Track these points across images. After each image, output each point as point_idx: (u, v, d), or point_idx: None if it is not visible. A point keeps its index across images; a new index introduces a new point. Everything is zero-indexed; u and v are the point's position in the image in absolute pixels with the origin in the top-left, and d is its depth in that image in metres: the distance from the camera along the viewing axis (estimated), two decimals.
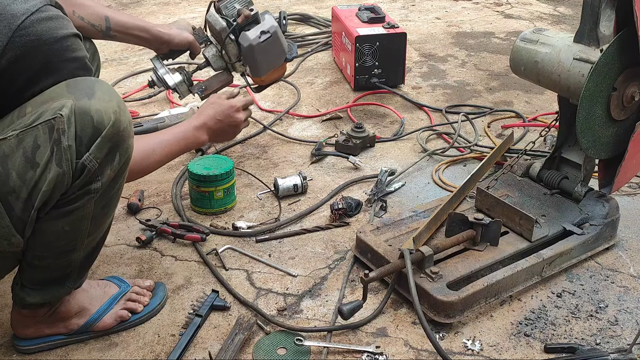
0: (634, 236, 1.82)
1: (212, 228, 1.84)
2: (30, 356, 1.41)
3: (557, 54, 1.67)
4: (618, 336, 1.45)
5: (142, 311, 1.49)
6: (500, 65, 3.14)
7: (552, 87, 1.72)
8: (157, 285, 1.57)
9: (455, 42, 3.50)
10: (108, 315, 1.45)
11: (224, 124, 1.77)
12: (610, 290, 1.61)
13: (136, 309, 1.48)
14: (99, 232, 1.31)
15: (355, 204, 1.92)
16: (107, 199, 1.26)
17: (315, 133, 2.43)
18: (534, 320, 1.50)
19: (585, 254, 1.69)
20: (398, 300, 1.56)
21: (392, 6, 4.16)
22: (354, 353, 1.40)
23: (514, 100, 2.76)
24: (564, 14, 4.00)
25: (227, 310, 1.53)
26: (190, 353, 1.41)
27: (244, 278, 1.65)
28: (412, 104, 2.69)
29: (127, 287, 1.51)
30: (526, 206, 1.78)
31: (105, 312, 1.45)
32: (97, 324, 1.43)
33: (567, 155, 1.82)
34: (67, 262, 1.30)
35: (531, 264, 1.57)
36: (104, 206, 1.27)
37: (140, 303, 1.49)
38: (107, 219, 1.31)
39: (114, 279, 1.54)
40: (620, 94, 1.61)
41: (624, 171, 1.68)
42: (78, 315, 1.42)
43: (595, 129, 1.63)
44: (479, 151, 2.28)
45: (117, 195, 1.30)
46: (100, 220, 1.29)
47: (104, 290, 1.48)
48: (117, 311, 1.46)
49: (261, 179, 2.09)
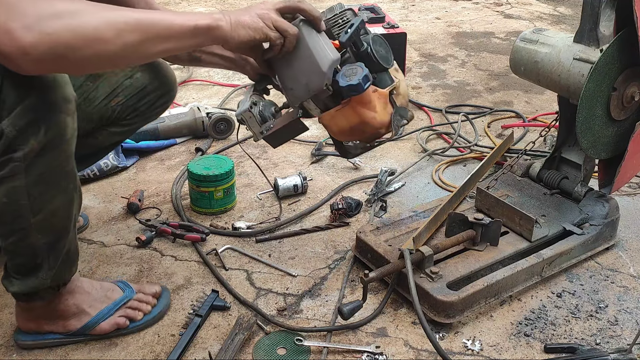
0: (634, 236, 1.82)
1: (212, 228, 1.84)
2: (30, 355, 1.41)
3: (557, 54, 1.67)
4: (618, 336, 1.45)
5: (141, 319, 1.47)
6: (500, 65, 3.14)
7: (552, 87, 1.72)
8: (162, 291, 1.55)
9: (455, 42, 3.50)
10: (106, 321, 1.43)
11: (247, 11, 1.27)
12: (610, 290, 1.61)
13: (135, 317, 1.46)
14: (47, 212, 1.24)
15: (355, 204, 1.92)
16: (44, 175, 1.19)
17: (315, 133, 2.43)
18: (534, 320, 1.50)
19: (585, 254, 1.69)
20: (398, 300, 1.56)
21: (392, 6, 4.16)
22: (354, 353, 1.40)
23: (514, 100, 2.76)
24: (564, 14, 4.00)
25: (227, 310, 1.53)
26: (190, 353, 1.41)
27: (243, 278, 1.65)
28: (412, 103, 2.69)
29: (131, 293, 1.49)
30: (526, 206, 1.78)
31: (104, 318, 1.43)
32: (95, 328, 1.43)
33: (567, 155, 1.82)
34: (30, 249, 1.27)
35: (531, 264, 1.57)
36: (41, 182, 1.19)
37: (141, 311, 1.47)
38: (52, 199, 1.23)
39: (120, 283, 1.52)
40: (620, 94, 1.61)
41: (624, 171, 1.67)
42: (77, 317, 1.42)
43: (595, 129, 1.63)
44: (479, 151, 2.29)
45: (58, 173, 1.21)
46: (42, 198, 1.22)
47: (106, 294, 1.46)
48: (115, 318, 1.44)
49: (261, 179, 2.09)
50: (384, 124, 1.38)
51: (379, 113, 1.36)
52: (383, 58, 1.38)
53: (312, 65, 1.31)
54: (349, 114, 1.37)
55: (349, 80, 1.31)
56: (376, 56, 1.36)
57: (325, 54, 1.30)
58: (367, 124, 1.37)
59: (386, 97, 1.38)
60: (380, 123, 1.38)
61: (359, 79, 1.30)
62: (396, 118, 1.39)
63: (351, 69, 1.33)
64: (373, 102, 1.35)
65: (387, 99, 1.38)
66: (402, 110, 1.41)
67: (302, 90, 1.35)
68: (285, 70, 1.37)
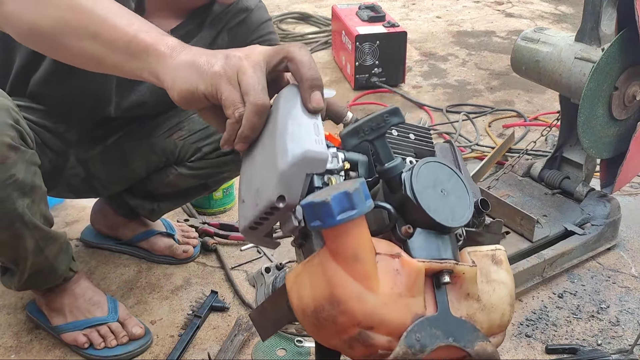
0: (635, 236, 1.81)
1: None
2: (29, 355, 1.41)
3: (558, 53, 1.66)
4: (619, 337, 1.45)
5: (101, 349, 1.40)
6: (501, 65, 3.13)
7: (554, 86, 1.71)
8: (146, 334, 1.44)
9: (455, 41, 3.49)
10: (70, 333, 1.41)
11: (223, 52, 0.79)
12: (612, 290, 1.60)
13: (97, 344, 1.40)
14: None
15: None
16: None
17: None
18: (535, 320, 1.49)
19: (587, 254, 1.68)
20: None
21: (393, 5, 4.15)
22: None
23: (515, 99, 2.75)
24: (565, 12, 3.99)
25: (226, 311, 1.52)
26: (190, 354, 1.40)
27: (243, 279, 1.64)
28: (413, 103, 2.68)
29: (112, 319, 1.43)
30: (527, 206, 1.77)
31: (71, 329, 1.41)
32: (64, 334, 1.42)
33: (568, 155, 1.81)
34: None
35: (532, 264, 1.56)
36: None
37: (104, 341, 1.40)
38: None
39: (111, 302, 1.46)
40: (622, 93, 1.61)
41: (626, 171, 1.67)
42: (57, 314, 1.43)
43: (597, 128, 1.62)
44: (479, 151, 2.28)
45: None
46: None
47: (89, 308, 1.43)
48: (78, 335, 1.40)
49: None
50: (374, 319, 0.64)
51: (372, 297, 0.63)
52: (435, 204, 0.70)
53: (270, 155, 0.72)
54: (316, 273, 0.67)
55: (314, 198, 0.65)
56: (416, 196, 0.69)
57: (291, 144, 0.69)
58: (339, 307, 0.64)
59: (417, 277, 0.66)
60: (365, 314, 0.63)
61: (331, 196, 0.62)
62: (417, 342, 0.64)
63: (345, 182, 0.71)
64: (364, 271, 0.64)
65: (417, 283, 0.66)
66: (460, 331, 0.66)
67: (251, 204, 0.74)
68: (246, 168, 0.79)
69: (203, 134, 1.44)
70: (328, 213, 0.62)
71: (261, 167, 0.73)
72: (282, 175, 0.68)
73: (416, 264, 0.66)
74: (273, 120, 0.74)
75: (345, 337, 0.64)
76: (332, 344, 0.67)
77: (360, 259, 0.64)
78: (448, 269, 0.67)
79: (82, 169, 1.46)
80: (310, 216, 0.64)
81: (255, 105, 0.73)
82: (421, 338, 0.63)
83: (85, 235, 1.77)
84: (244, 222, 0.75)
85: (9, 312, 1.53)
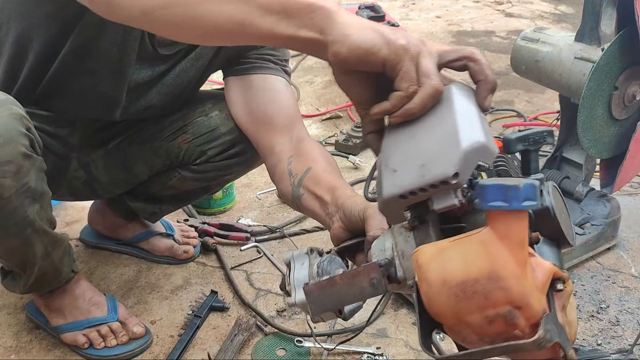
0: (635, 236, 1.81)
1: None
2: (29, 355, 1.41)
3: (558, 53, 1.66)
4: (619, 337, 1.45)
5: (100, 349, 1.40)
6: (501, 64, 3.13)
7: (553, 86, 1.71)
8: (146, 334, 1.44)
9: (455, 41, 3.50)
10: (70, 334, 1.41)
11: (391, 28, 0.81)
12: (612, 290, 1.60)
13: (97, 344, 1.41)
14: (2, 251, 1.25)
15: None
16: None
17: (315, 132, 2.42)
18: None
19: (587, 254, 1.68)
20: (398, 300, 1.55)
21: (393, 5, 4.15)
22: (354, 354, 1.40)
23: (515, 99, 2.75)
24: (565, 12, 3.99)
25: (226, 311, 1.52)
26: (189, 354, 1.41)
27: (243, 279, 1.64)
28: None
29: (112, 318, 1.43)
30: None
31: (71, 330, 1.41)
32: (64, 335, 1.42)
33: (568, 154, 1.81)
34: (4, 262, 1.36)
35: None
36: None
37: (104, 341, 1.41)
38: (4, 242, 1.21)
39: (111, 302, 1.46)
40: (622, 93, 1.61)
41: (625, 171, 1.67)
42: (57, 315, 1.43)
43: (597, 128, 1.62)
44: None
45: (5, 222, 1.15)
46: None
47: (89, 308, 1.43)
48: (78, 335, 1.41)
49: (261, 179, 2.08)
50: (524, 301, 0.69)
51: (526, 281, 0.70)
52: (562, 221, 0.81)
53: (447, 135, 0.76)
54: (474, 250, 0.72)
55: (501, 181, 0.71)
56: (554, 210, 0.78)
57: (473, 130, 0.75)
58: (498, 283, 0.69)
59: (547, 278, 0.72)
60: (520, 294, 0.69)
61: (523, 184, 0.69)
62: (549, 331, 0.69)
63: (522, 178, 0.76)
64: (524, 257, 0.71)
65: (547, 283, 0.72)
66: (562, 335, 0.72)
67: (411, 174, 0.76)
68: (399, 139, 0.82)
69: (208, 137, 1.43)
70: (516, 197, 0.68)
71: (428, 143, 0.78)
72: (464, 155, 0.72)
73: (549, 265, 0.72)
74: (447, 104, 0.79)
75: (491, 312, 0.69)
76: (467, 317, 0.71)
77: (524, 245, 0.70)
78: (564, 277, 0.73)
79: (83, 172, 1.46)
80: (494, 196, 0.70)
81: (435, 88, 0.76)
82: (549, 330, 0.68)
83: (85, 235, 1.77)
84: (393, 189, 0.77)
85: (9, 312, 1.53)
